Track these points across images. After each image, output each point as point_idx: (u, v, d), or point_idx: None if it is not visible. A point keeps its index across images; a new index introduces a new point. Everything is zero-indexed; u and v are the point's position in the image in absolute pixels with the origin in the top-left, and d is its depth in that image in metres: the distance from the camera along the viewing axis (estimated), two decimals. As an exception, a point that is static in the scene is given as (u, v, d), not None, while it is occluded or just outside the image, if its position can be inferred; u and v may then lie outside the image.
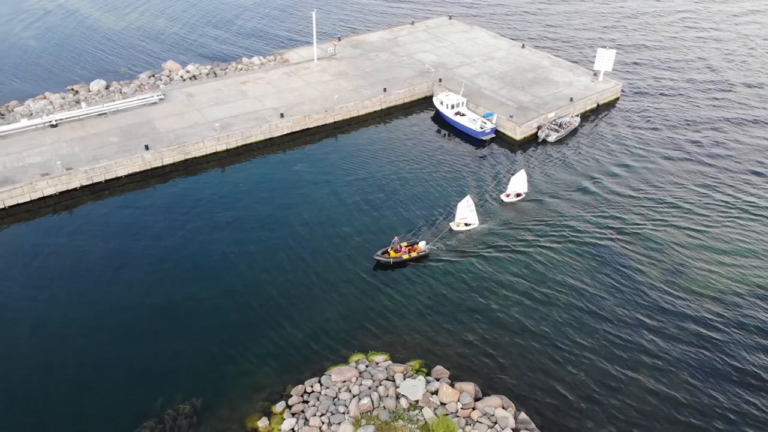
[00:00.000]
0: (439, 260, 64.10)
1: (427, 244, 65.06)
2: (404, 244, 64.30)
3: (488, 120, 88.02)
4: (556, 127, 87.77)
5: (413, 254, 63.64)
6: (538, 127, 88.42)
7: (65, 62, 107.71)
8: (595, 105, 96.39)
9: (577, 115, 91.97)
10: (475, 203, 68.83)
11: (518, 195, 73.34)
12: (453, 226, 68.10)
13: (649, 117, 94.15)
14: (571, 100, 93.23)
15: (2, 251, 64.75)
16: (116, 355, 53.13)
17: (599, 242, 66.89)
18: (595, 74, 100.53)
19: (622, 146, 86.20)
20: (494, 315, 57.57)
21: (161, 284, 60.53)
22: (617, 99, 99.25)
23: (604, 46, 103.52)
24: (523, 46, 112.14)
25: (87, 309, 57.55)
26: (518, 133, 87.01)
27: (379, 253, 63.37)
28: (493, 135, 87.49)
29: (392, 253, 63.32)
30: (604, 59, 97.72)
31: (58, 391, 49.97)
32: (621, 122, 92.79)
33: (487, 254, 64.77)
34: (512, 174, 74.97)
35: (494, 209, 72.12)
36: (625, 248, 65.94)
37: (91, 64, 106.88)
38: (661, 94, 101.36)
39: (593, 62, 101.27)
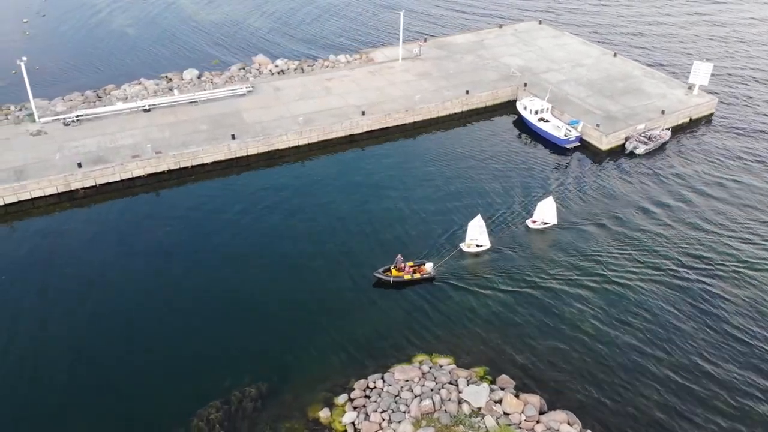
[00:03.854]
0: (509, 276, 62.07)
1: (434, 266, 61.74)
2: (410, 264, 61.16)
3: (573, 128, 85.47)
4: (646, 140, 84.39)
5: (417, 275, 60.67)
6: (626, 138, 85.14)
7: (161, 50, 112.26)
8: (687, 119, 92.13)
9: (668, 129, 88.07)
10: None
11: (545, 223, 68.57)
12: (463, 246, 64.73)
13: (744, 136, 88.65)
14: (663, 112, 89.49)
15: (91, 227, 68.12)
16: (189, 334, 54.95)
17: (677, 270, 63.45)
18: (689, 87, 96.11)
19: (712, 165, 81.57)
20: (563, 333, 55.80)
21: (237, 270, 62.08)
22: (712, 114, 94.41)
23: (701, 59, 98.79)
24: (614, 55, 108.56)
25: (164, 289, 59.74)
26: (604, 143, 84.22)
27: (381, 270, 60.39)
28: (578, 143, 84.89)
29: (394, 272, 60.43)
30: (701, 72, 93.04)
31: (129, 363, 51.99)
32: (713, 140, 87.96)
33: (561, 276, 62.51)
34: (542, 198, 69.96)
35: (553, 228, 69.06)
36: (705, 285, 61.56)
37: (185, 53, 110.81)
38: (758, 113, 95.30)
39: (688, 75, 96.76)
